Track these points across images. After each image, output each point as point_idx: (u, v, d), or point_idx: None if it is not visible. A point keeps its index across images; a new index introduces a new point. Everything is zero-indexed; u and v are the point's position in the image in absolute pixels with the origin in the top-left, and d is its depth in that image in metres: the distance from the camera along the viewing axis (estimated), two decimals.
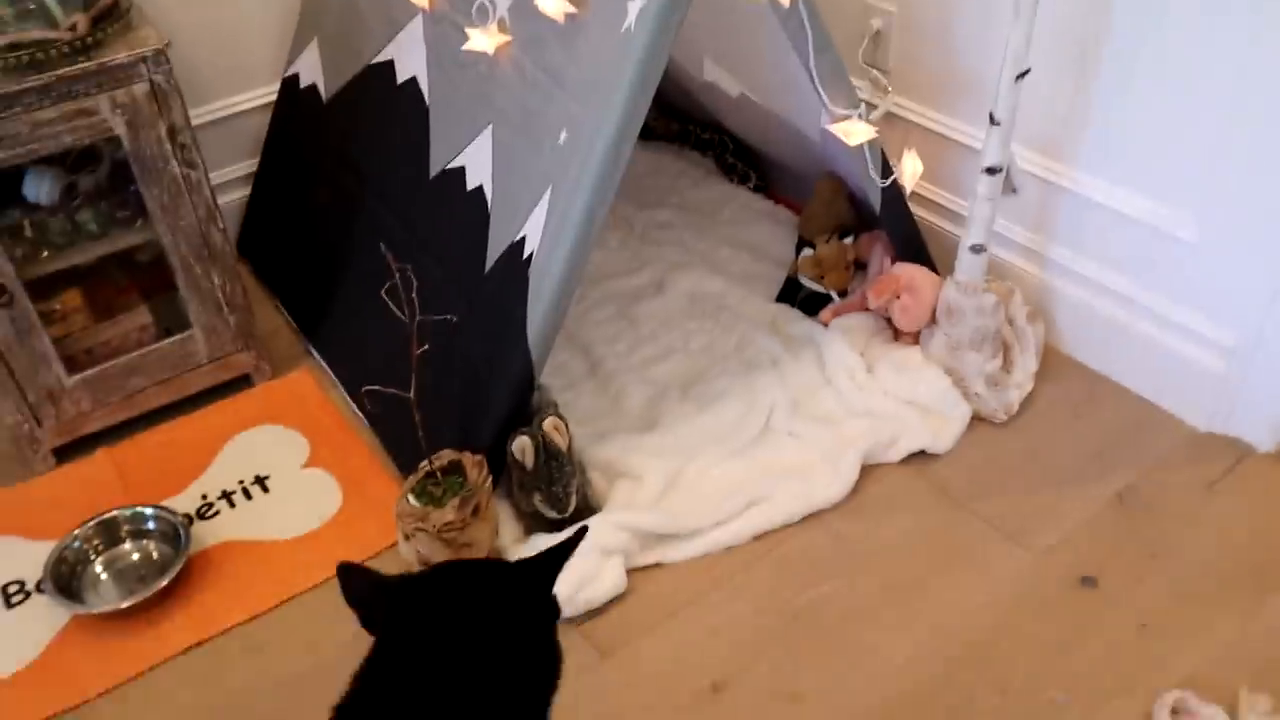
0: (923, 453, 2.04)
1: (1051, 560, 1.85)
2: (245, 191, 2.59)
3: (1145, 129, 1.93)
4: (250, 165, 2.57)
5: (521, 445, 1.81)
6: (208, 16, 2.37)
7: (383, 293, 1.68)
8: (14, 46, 1.78)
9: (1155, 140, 1.92)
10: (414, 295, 1.66)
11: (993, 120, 1.89)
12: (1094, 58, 1.95)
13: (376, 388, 1.72)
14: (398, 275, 1.66)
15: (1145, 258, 2.03)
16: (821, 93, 1.85)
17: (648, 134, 2.82)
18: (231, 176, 2.56)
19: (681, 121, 2.80)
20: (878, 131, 1.87)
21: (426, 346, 1.68)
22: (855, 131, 1.86)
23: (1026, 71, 1.83)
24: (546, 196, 1.81)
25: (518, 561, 1.23)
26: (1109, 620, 1.76)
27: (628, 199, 2.64)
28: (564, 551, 1.21)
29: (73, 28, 1.83)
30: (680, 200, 2.65)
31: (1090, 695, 1.66)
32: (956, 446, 2.05)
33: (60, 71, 1.80)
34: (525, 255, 1.85)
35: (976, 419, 2.09)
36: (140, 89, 1.88)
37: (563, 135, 1.79)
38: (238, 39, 2.46)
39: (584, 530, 1.26)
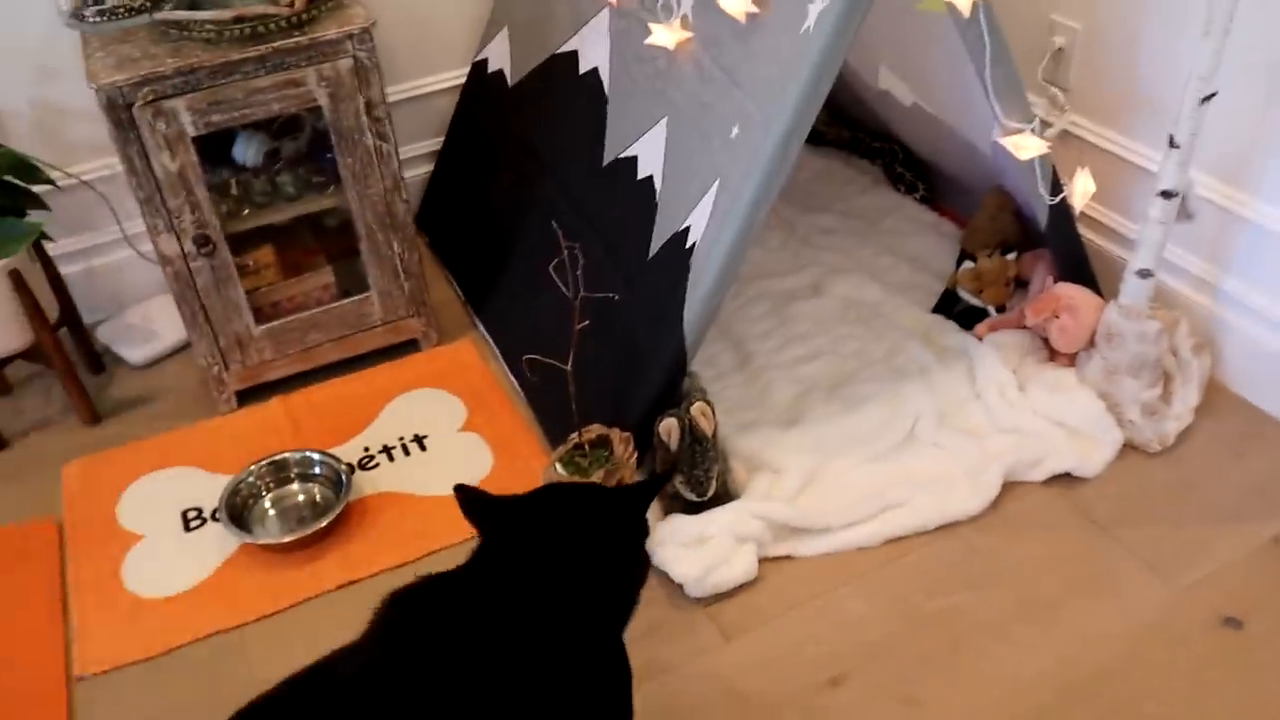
0: (1068, 476, 2.01)
1: (1195, 597, 1.80)
2: (428, 168, 2.73)
3: None
4: (435, 143, 2.71)
5: (668, 426, 1.87)
6: (409, 2, 2.52)
7: (550, 268, 1.76)
8: (239, 20, 1.94)
9: None
10: (579, 273, 1.74)
11: (1172, 143, 1.85)
12: None
13: (537, 357, 1.81)
14: (566, 252, 1.74)
15: None
16: (995, 105, 1.85)
17: (818, 139, 2.85)
18: (417, 153, 2.70)
19: (852, 129, 2.81)
20: (1049, 147, 1.86)
21: (587, 322, 1.76)
22: (1026, 146, 1.86)
23: (1212, 95, 1.78)
24: (714, 189, 1.86)
25: (615, 487, 1.34)
26: (1251, 665, 1.70)
27: (792, 202, 2.67)
28: (658, 484, 1.45)
29: (291, 4, 1.98)
30: (845, 207, 2.66)
31: None
32: (1104, 473, 2.01)
33: (276, 44, 1.96)
34: (688, 245, 1.90)
35: (1128, 448, 2.04)
36: (345, 64, 2.02)
37: (734, 130, 1.84)
38: (434, 24, 2.60)
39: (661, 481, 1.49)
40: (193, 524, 2.06)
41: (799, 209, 2.66)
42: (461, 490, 1.33)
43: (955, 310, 2.29)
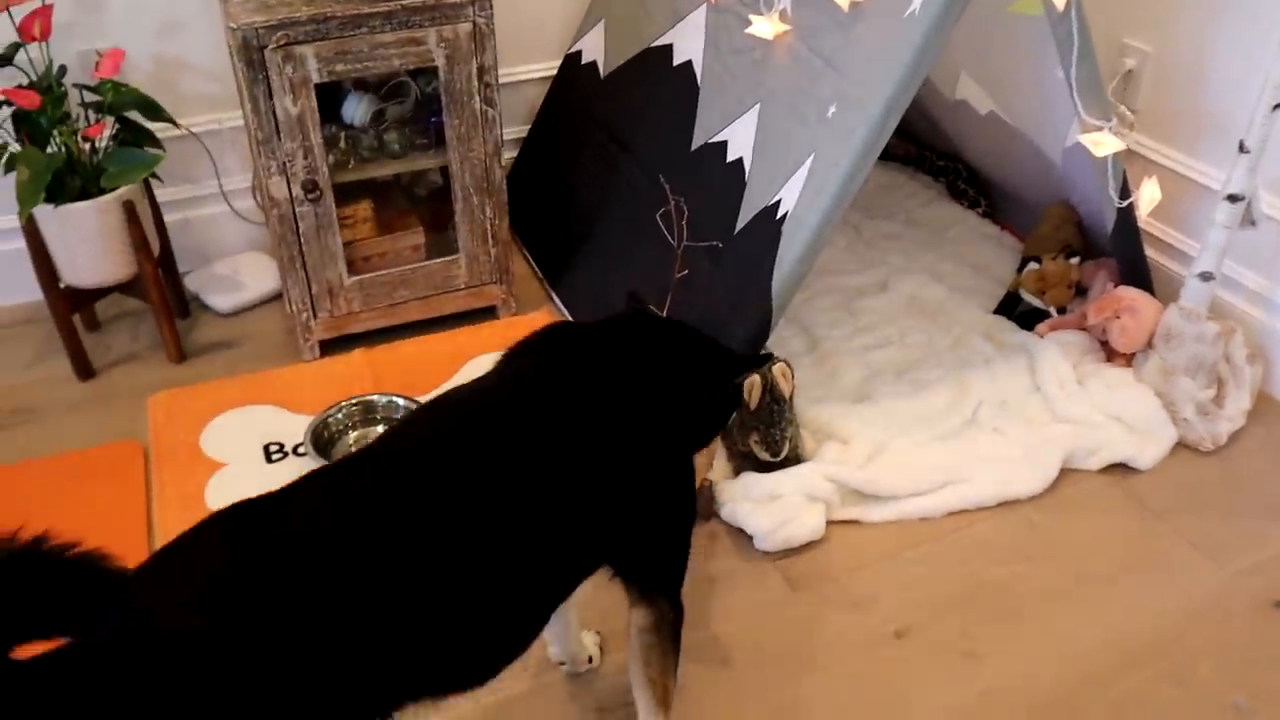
0: (1123, 467, 2.09)
1: (1247, 581, 1.88)
2: (512, 154, 2.84)
3: None
4: (522, 130, 2.83)
5: (751, 383, 1.95)
6: None
7: (658, 216, 1.86)
8: None
9: None
10: (684, 223, 1.84)
11: (1242, 148, 1.96)
12: None
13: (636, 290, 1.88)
14: (673, 203, 1.84)
15: None
16: (1077, 100, 1.96)
17: (885, 155, 2.95)
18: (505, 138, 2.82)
19: (919, 147, 2.94)
20: (1126, 145, 1.97)
21: (686, 271, 1.85)
22: (1105, 142, 1.97)
23: None
24: (808, 163, 1.97)
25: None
26: None
27: (859, 209, 2.79)
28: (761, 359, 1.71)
29: None
30: (909, 216, 2.78)
31: (1275, 709, 1.67)
32: (1158, 466, 2.09)
33: (404, 2, 2.08)
34: (779, 215, 2.01)
35: (1182, 446, 2.13)
36: (464, 28, 2.14)
37: (831, 110, 1.96)
38: (533, 14, 2.73)
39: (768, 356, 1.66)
40: (274, 456, 2.14)
41: (865, 215, 2.77)
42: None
43: (1016, 312, 2.39)
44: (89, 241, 2.20)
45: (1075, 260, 2.35)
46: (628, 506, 1.36)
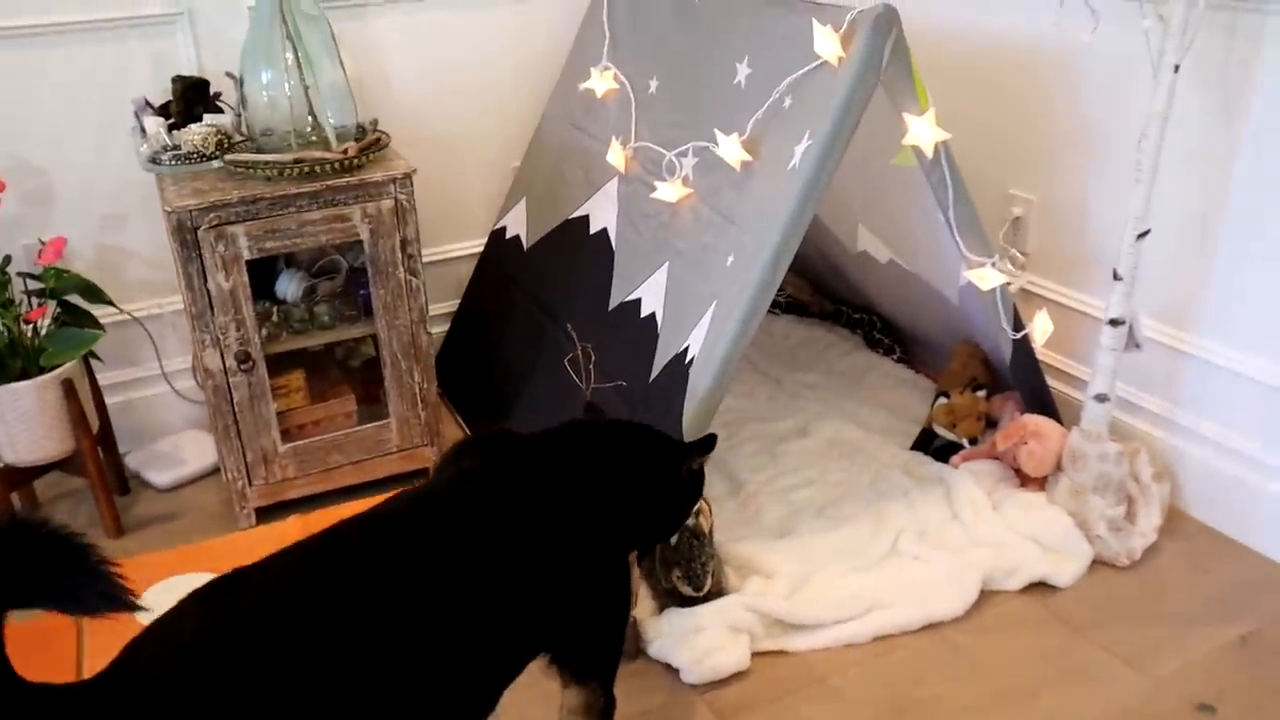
0: (1043, 585, 2.13)
1: (1169, 686, 1.90)
2: (443, 328, 2.96)
3: (1263, 294, 2.11)
4: (451, 305, 2.96)
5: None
6: (440, 179, 2.83)
7: (565, 362, 1.96)
8: (299, 161, 2.22)
9: (1274, 305, 2.09)
10: (591, 367, 1.94)
11: (1116, 276, 2.10)
12: (1213, 231, 2.16)
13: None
14: (580, 348, 1.94)
15: (1267, 418, 2.14)
16: (959, 240, 2.11)
17: (804, 311, 3.12)
18: (435, 313, 2.94)
19: (835, 302, 3.09)
20: (1009, 280, 2.11)
21: (595, 405, 1.93)
22: (988, 276, 2.10)
23: (1146, 232, 2.06)
24: (711, 310, 2.09)
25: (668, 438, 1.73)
26: None
27: (780, 363, 2.91)
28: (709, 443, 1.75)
29: (344, 152, 2.27)
30: (828, 366, 2.89)
31: None
32: (1077, 583, 2.13)
33: (329, 183, 2.23)
34: (687, 360, 2.11)
35: (1099, 562, 2.17)
36: (386, 204, 2.29)
37: (730, 259, 2.09)
38: (459, 198, 2.91)
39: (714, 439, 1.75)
40: None
41: (787, 369, 2.88)
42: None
43: (932, 446, 2.47)
44: (28, 419, 2.26)
45: (982, 393, 2.45)
46: (566, 597, 1.47)
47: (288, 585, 1.29)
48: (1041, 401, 2.37)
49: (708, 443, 1.76)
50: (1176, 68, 1.95)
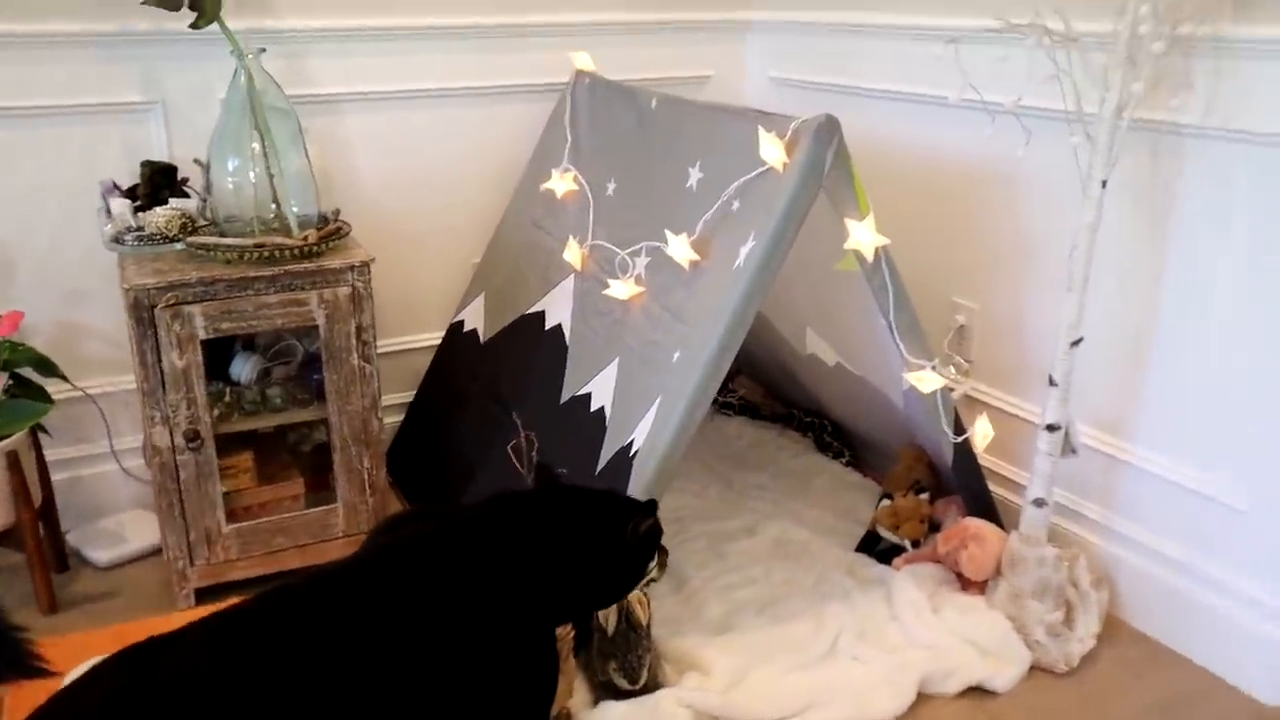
0: (980, 689, 2.13)
1: None
2: (397, 418, 2.98)
3: (1196, 404, 2.16)
4: (407, 395, 2.98)
5: (605, 611, 2.00)
6: (401, 272, 2.88)
7: (509, 448, 1.98)
8: (259, 246, 2.27)
9: (1206, 415, 2.15)
10: (534, 454, 1.96)
11: (1052, 382, 2.16)
12: (1146, 342, 2.23)
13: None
14: (523, 436, 1.97)
15: (1201, 527, 2.18)
16: (900, 344, 2.16)
17: (756, 413, 3.17)
18: (390, 403, 2.96)
19: (786, 405, 3.13)
20: (948, 382, 2.16)
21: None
22: (928, 379, 2.16)
23: (1080, 340, 2.12)
24: (656, 404, 2.12)
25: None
26: None
27: (731, 463, 2.93)
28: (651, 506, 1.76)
29: (304, 239, 2.32)
30: (777, 468, 2.92)
31: None
32: (1015, 689, 2.13)
33: (287, 268, 2.27)
34: (632, 454, 2.14)
35: (1037, 668, 2.18)
36: (344, 291, 2.33)
37: (676, 355, 2.13)
38: (418, 292, 2.96)
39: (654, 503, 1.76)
40: None
41: (738, 469, 2.91)
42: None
43: (876, 549, 2.49)
44: None
45: (925, 496, 2.48)
46: (478, 673, 1.45)
47: (196, 657, 1.29)
48: (983, 505, 2.40)
49: (649, 506, 1.77)
50: (1104, 183, 2.04)
